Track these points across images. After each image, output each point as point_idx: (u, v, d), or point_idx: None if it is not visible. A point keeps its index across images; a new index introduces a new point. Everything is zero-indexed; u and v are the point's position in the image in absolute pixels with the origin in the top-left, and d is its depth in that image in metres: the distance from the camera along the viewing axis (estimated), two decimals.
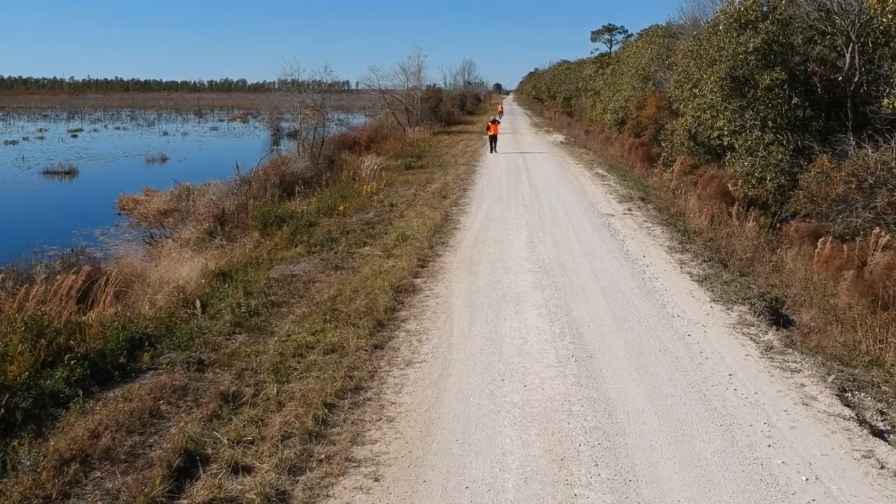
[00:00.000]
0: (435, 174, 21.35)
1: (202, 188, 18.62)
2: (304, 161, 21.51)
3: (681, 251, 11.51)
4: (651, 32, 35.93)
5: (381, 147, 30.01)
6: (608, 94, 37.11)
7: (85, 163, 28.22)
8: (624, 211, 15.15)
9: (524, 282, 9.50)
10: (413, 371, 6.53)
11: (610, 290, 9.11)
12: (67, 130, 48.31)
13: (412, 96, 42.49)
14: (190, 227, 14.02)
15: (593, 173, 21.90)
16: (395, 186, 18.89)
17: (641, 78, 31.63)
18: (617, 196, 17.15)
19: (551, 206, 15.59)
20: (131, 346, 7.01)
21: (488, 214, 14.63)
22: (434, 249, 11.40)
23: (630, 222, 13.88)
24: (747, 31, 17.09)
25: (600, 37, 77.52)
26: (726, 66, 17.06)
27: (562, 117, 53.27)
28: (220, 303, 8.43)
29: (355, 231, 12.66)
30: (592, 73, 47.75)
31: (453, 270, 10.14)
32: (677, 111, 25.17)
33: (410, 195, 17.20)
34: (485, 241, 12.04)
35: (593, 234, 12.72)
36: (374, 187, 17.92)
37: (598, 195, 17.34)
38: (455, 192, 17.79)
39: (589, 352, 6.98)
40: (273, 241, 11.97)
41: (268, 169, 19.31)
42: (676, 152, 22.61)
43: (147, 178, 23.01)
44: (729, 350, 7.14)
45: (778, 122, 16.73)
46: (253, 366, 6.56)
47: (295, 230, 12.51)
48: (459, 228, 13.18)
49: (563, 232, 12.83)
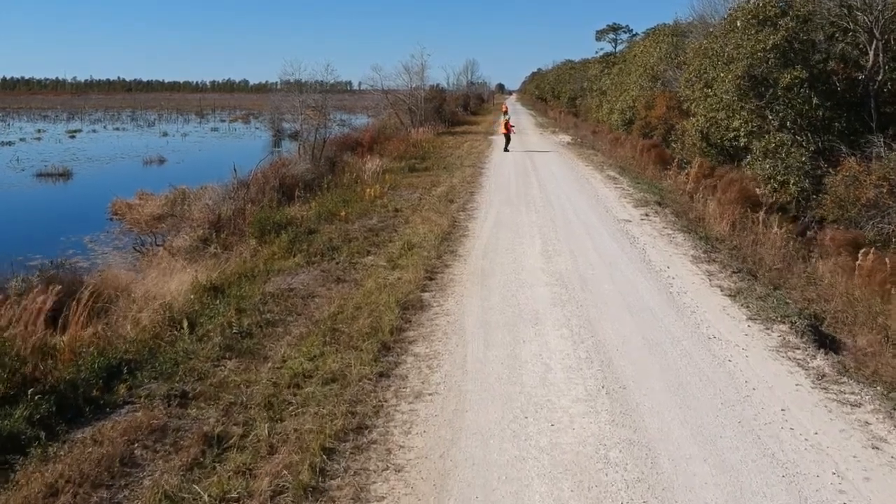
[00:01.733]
0: (440, 177, 20.59)
1: (198, 192, 17.90)
2: (305, 163, 20.77)
3: (706, 261, 10.73)
4: (658, 31, 35.20)
5: (385, 148, 29.26)
6: (615, 93, 36.36)
7: (80, 164, 27.49)
8: (641, 216, 14.37)
9: (542, 297, 8.73)
10: (423, 405, 5.77)
11: (636, 307, 8.34)
12: (66, 131, 47.61)
13: (415, 96, 41.72)
14: (184, 234, 13.28)
15: (604, 176, 21.13)
16: (400, 190, 18.14)
17: (650, 77, 30.88)
18: (632, 200, 16.37)
19: (564, 211, 14.83)
20: (108, 374, 6.28)
21: (498, 220, 13.86)
22: (442, 259, 10.64)
23: (649, 229, 13.11)
24: (766, 27, 16.31)
25: (605, 36, 76.69)
26: (744, 65, 16.29)
27: (567, 117, 52.49)
28: (209, 322, 7.68)
29: (358, 239, 11.90)
30: (598, 72, 46.99)
31: (464, 283, 9.37)
32: (688, 111, 24.45)
33: (415, 199, 16.45)
34: (496, 250, 11.27)
35: (611, 242, 11.94)
36: (378, 191, 17.17)
37: (611, 199, 16.57)
38: (462, 195, 17.03)
39: (621, 381, 6.21)
40: (270, 250, 11.22)
41: (267, 172, 18.57)
42: (688, 153, 21.89)
43: (143, 181, 22.30)
44: (776, 378, 6.37)
45: (798, 123, 15.97)
46: (242, 399, 5.80)
47: (294, 238, 11.76)
48: (468, 236, 12.42)
49: (579, 240, 12.06)
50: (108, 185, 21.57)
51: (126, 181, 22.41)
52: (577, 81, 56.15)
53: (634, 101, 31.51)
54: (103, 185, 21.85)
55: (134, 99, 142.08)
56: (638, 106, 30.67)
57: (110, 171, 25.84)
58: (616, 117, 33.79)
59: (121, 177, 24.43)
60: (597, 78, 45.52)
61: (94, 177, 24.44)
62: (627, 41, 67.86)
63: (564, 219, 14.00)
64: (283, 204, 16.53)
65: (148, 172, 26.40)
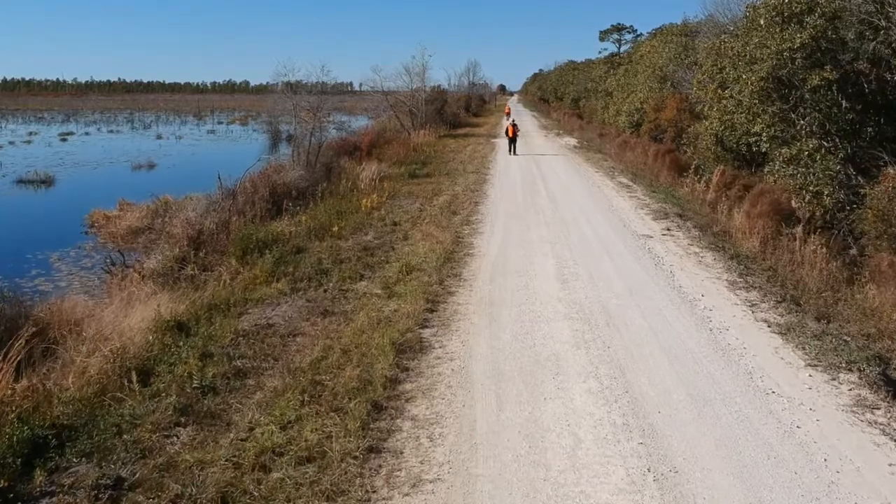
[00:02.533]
0: (442, 184, 19.36)
1: (183, 202, 16.66)
2: (299, 169, 19.52)
3: (744, 286, 9.47)
4: (666, 31, 34.11)
5: (384, 153, 28.04)
6: (621, 95, 35.25)
7: (66, 170, 26.25)
8: (662, 231, 13.12)
9: (561, 335, 7.48)
10: (422, 499, 4.53)
11: (674, 349, 7.09)
12: (58, 134, 46.40)
13: (416, 98, 40.46)
14: (160, 251, 12.05)
15: (616, 183, 19.88)
16: (399, 199, 16.91)
17: (658, 78, 29.71)
18: (650, 212, 15.12)
19: (577, 225, 13.58)
20: (32, 448, 5.05)
21: (505, 235, 12.62)
22: (445, 285, 9.40)
23: (673, 246, 11.86)
24: (791, 25, 15.07)
25: (609, 36, 75.52)
26: (769, 65, 15.04)
27: (571, 119, 51.31)
28: (168, 372, 6.44)
29: (350, 259, 10.64)
30: (603, 73, 45.96)
31: (470, 317, 8.13)
32: (700, 114, 23.28)
33: (415, 210, 15.21)
34: (505, 273, 10.02)
35: (633, 262, 10.69)
36: (375, 201, 15.94)
37: (627, 210, 15.32)
38: (466, 205, 15.79)
39: (670, 461, 4.96)
40: (252, 273, 9.98)
41: (256, 180, 17.33)
42: (701, 158, 20.71)
43: (128, 189, 21.07)
44: (860, 454, 5.12)
45: (826, 128, 14.74)
46: (192, 491, 4.56)
47: (279, 259, 10.52)
48: (474, 255, 11.18)
49: (598, 260, 10.81)
50: (91, 194, 20.37)
51: (110, 188, 21.19)
52: (581, 82, 55.14)
53: (642, 102, 30.42)
54: (85, 193, 20.63)
55: (133, 100, 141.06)
56: (646, 108, 29.55)
57: (95, 178, 24.61)
58: (623, 119, 32.69)
59: (106, 184, 23.18)
60: (601, 79, 44.47)
61: (77, 184, 23.19)
62: (632, 41, 66.78)
63: (579, 234, 12.75)
64: (273, 216, 15.31)
65: (135, 179, 25.15)
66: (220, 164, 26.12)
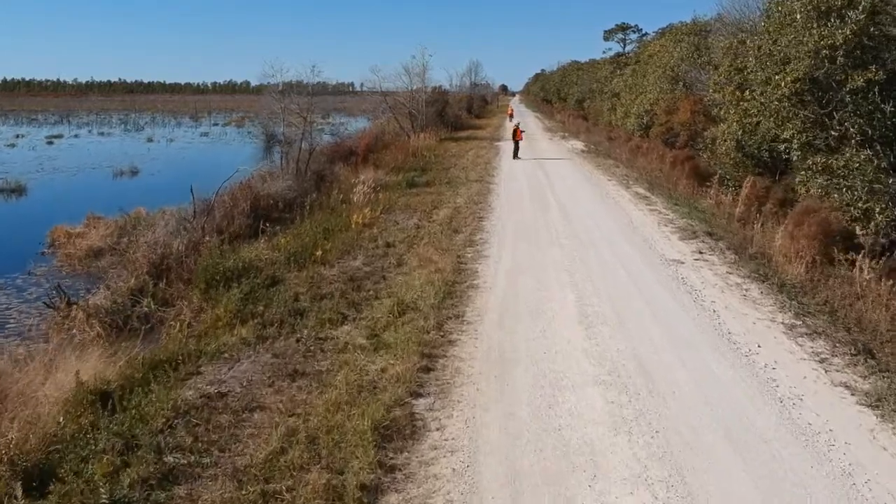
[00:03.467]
0: (443, 195, 17.73)
1: (156, 217, 15.05)
2: (286, 179, 17.91)
3: (806, 332, 7.82)
4: (676, 29, 32.56)
5: (381, 158, 26.44)
6: (629, 96, 33.70)
7: (42, 177, 24.59)
8: (693, 254, 11.48)
9: (594, 411, 5.84)
10: None
11: (742, 436, 5.44)
12: (46, 136, 44.76)
13: (416, 99, 38.82)
14: (115, 281, 10.42)
15: (632, 193, 18.24)
16: (395, 213, 15.28)
17: (669, 79, 28.12)
18: (675, 229, 13.47)
19: (595, 246, 11.94)
20: None
21: (515, 260, 10.99)
22: (444, 331, 7.77)
23: (709, 275, 10.22)
24: (831, 20, 13.44)
25: (614, 36, 73.98)
26: (805, 65, 13.41)
27: (576, 121, 49.73)
28: (73, 473, 4.81)
29: (333, 295, 8.99)
30: (608, 73, 44.42)
31: (475, 380, 6.50)
32: (716, 117, 21.74)
33: (412, 228, 13.57)
34: (516, 314, 8.39)
35: (667, 297, 9.05)
36: (368, 216, 14.32)
37: (649, 227, 13.68)
38: (469, 221, 14.16)
39: None
40: (215, 313, 8.37)
41: (237, 192, 15.72)
42: (719, 164, 19.12)
43: (105, 198, 19.49)
44: None
45: (869, 135, 13.14)
46: None
47: (248, 294, 8.90)
48: (478, 287, 9.54)
49: (625, 294, 9.17)
50: (62, 205, 18.76)
51: (85, 199, 19.56)
52: (586, 83, 53.64)
53: (652, 104, 28.86)
54: (56, 205, 19.01)
55: (132, 100, 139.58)
56: (657, 110, 28.00)
57: (71, 186, 22.95)
58: (632, 122, 31.16)
59: (81, 193, 21.54)
60: (607, 79, 43.00)
61: (50, 193, 21.51)
62: (637, 41, 65.27)
63: (599, 258, 11.11)
64: (254, 233, 13.71)
65: (114, 187, 23.51)
66: (206, 170, 24.53)
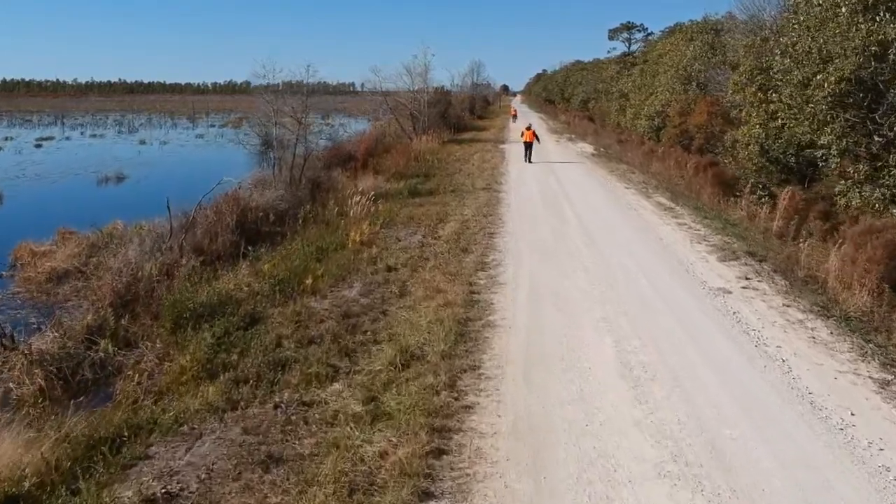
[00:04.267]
0: (449, 205, 16.26)
1: (133, 232, 13.60)
2: (278, 188, 16.43)
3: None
4: (688, 27, 31.16)
5: (382, 163, 24.98)
6: (639, 97, 32.29)
7: (20, 184, 23.04)
8: (740, 281, 9.99)
9: None
10: None
11: None
12: (35, 139, 43.24)
13: (418, 100, 37.31)
14: (72, 314, 8.94)
15: (655, 204, 16.76)
16: (396, 227, 13.81)
17: (682, 79, 26.70)
18: (711, 248, 11.99)
19: (625, 270, 10.46)
20: None
21: (535, 289, 9.51)
22: (458, 390, 6.29)
23: (763, 308, 8.74)
24: (880, 14, 12.01)
25: (618, 35, 72.42)
26: (852, 63, 12.00)
27: (583, 122, 48.27)
28: None
29: (323, 339, 7.51)
30: (615, 73, 43.04)
31: (501, 470, 5.03)
32: (736, 119, 20.35)
33: (416, 246, 12.10)
34: (545, 364, 6.91)
35: (724, 341, 7.57)
36: (367, 232, 12.86)
37: (681, 245, 12.20)
38: (478, 238, 12.69)
39: None
40: (180, 363, 6.90)
41: (222, 205, 14.22)
42: (741, 169, 17.72)
43: (84, 209, 18.06)
44: None
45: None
46: None
47: (222, 337, 7.43)
48: (496, 325, 8.07)
49: (671, 336, 7.69)
50: (35, 216, 17.30)
51: (62, 209, 18.12)
52: (591, 83, 52.34)
53: (664, 105, 27.45)
54: (29, 216, 17.54)
55: (131, 101, 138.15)
56: (671, 111, 26.56)
57: (51, 195, 21.42)
58: (643, 123, 29.76)
59: (59, 202, 20.03)
60: (614, 79, 41.62)
61: (25, 202, 19.96)
62: (642, 40, 63.90)
63: (632, 286, 9.62)
64: (238, 253, 12.26)
65: (97, 195, 22.00)
66: (197, 175, 23.07)
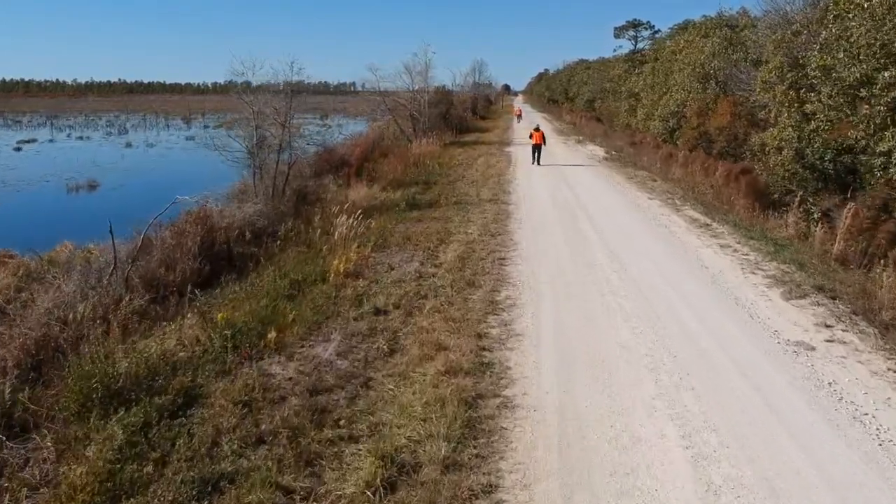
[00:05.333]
0: (451, 221, 14.18)
1: (79, 257, 11.55)
2: (256, 202, 14.35)
3: None
4: (702, 23, 29.12)
5: (378, 168, 22.92)
6: (651, 96, 30.19)
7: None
8: (819, 330, 7.87)
9: None
10: None
11: None
12: (17, 141, 41.23)
13: (419, 100, 35.21)
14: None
15: (687, 219, 14.67)
16: (390, 251, 11.73)
17: (700, 77, 24.62)
18: (771, 281, 9.86)
19: (673, 313, 8.35)
20: None
21: (561, 342, 7.42)
22: None
23: (863, 374, 6.64)
24: None
25: (625, 33, 70.23)
26: None
27: (590, 123, 46.21)
28: None
29: (277, 438, 5.39)
30: (623, 72, 40.98)
31: None
32: (762, 121, 18.35)
33: (412, 278, 10.01)
34: (586, 479, 4.84)
35: (829, 433, 5.47)
36: (354, 258, 10.77)
37: (732, 275, 10.09)
38: (487, 266, 10.60)
39: None
40: (69, 480, 4.82)
41: (185, 225, 12.11)
42: (771, 176, 15.67)
43: (44, 223, 16.01)
44: None
45: None
46: None
47: (138, 432, 5.35)
48: (515, 406, 5.97)
49: (759, 426, 5.59)
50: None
51: (14, 224, 16.08)
52: (597, 82, 50.25)
53: (680, 105, 25.39)
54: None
55: (129, 101, 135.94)
56: (688, 112, 24.50)
57: (11, 206, 19.44)
58: (657, 125, 27.65)
59: (12, 216, 18.04)
60: (622, 78, 39.55)
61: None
62: (649, 38, 61.76)
63: (687, 340, 7.51)
64: (204, 282, 10.22)
65: (63, 207, 19.93)
66: (179, 182, 21.07)
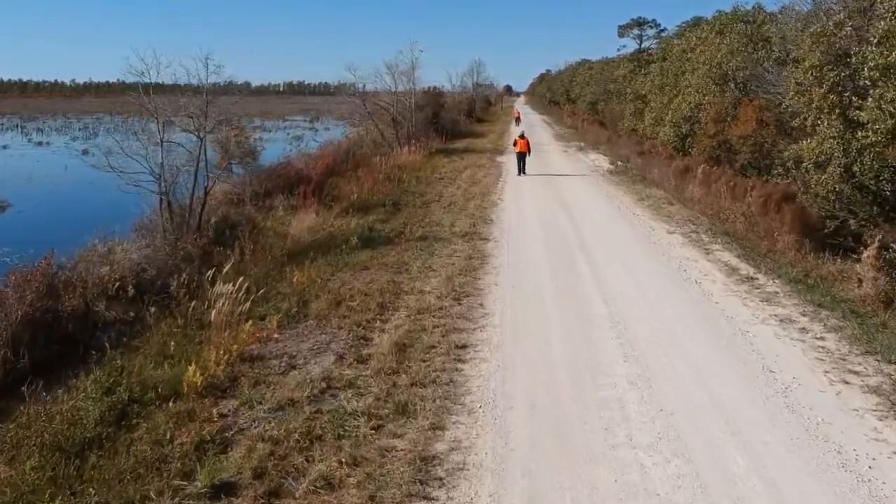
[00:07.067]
0: (408, 269, 10.56)
1: None
2: (145, 246, 10.67)
3: None
4: (717, 19, 25.45)
5: (344, 186, 19.30)
6: (660, 98, 26.61)
7: None
8: None
9: None
10: None
11: None
12: None
13: (403, 102, 31.55)
14: None
15: (722, 267, 11.01)
16: (304, 328, 8.05)
17: (717, 78, 20.94)
18: (879, 400, 6.21)
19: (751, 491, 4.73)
20: None
21: None
22: None
23: None
24: None
25: (629, 32, 66.51)
26: None
27: (592, 127, 42.65)
28: None
29: None
30: (627, 72, 37.56)
31: None
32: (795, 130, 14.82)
33: (313, 394, 6.32)
34: None
35: None
36: (240, 346, 7.10)
37: (816, 391, 6.43)
38: (437, 362, 6.95)
39: None
40: None
41: (29, 276, 8.36)
42: (814, 198, 12.22)
43: None
44: None
45: None
46: None
47: None
48: None
49: None
50: None
51: None
52: (599, 83, 46.72)
53: (694, 109, 21.75)
54: None
55: (126, 101, 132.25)
56: (703, 117, 20.85)
57: None
58: (668, 131, 23.97)
59: None
60: (627, 79, 36.12)
61: None
62: (655, 37, 58.13)
63: None
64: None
65: None
66: (115, 199, 17.52)
